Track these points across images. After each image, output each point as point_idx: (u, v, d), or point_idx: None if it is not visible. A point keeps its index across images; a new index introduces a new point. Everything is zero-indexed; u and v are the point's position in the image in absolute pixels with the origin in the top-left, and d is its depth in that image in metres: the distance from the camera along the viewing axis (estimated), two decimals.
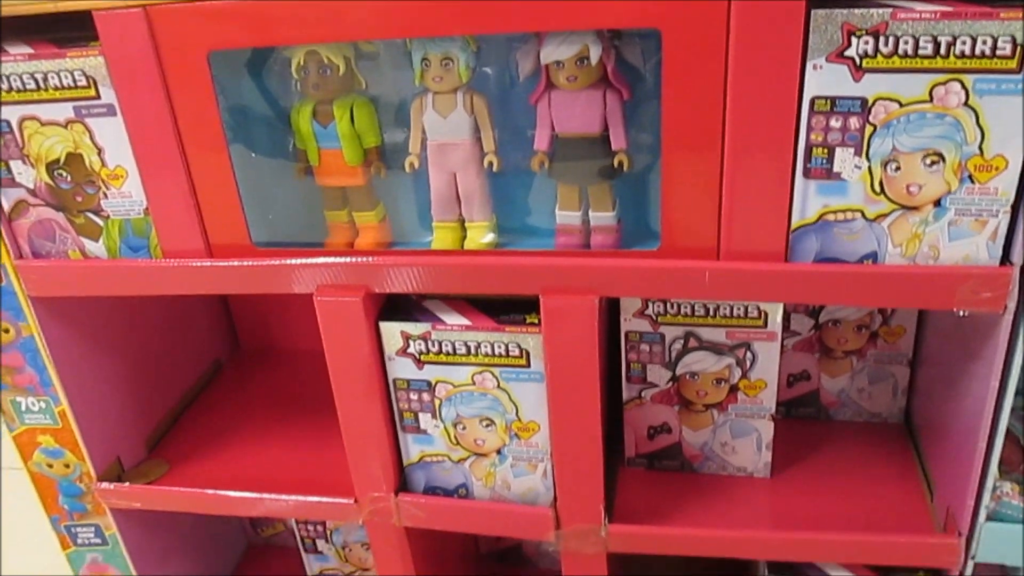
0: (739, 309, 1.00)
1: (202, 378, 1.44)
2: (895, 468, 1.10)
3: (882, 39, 0.73)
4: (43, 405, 1.20)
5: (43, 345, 1.11)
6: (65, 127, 0.94)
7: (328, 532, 1.31)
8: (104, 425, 1.20)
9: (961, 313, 0.81)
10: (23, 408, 1.21)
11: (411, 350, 0.97)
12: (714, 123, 0.79)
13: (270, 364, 1.49)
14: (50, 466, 1.26)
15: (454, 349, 0.96)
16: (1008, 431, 0.87)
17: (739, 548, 1.04)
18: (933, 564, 0.99)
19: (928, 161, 0.77)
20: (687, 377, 1.06)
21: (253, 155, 0.97)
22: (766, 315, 1.00)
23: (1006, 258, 0.80)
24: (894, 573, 1.03)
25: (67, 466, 1.25)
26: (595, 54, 0.83)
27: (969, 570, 0.96)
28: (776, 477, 1.11)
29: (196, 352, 1.43)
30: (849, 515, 1.03)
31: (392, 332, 0.97)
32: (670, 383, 1.07)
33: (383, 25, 0.82)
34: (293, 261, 0.94)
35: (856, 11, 0.72)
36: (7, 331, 1.13)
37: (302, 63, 0.90)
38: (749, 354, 1.03)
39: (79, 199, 0.99)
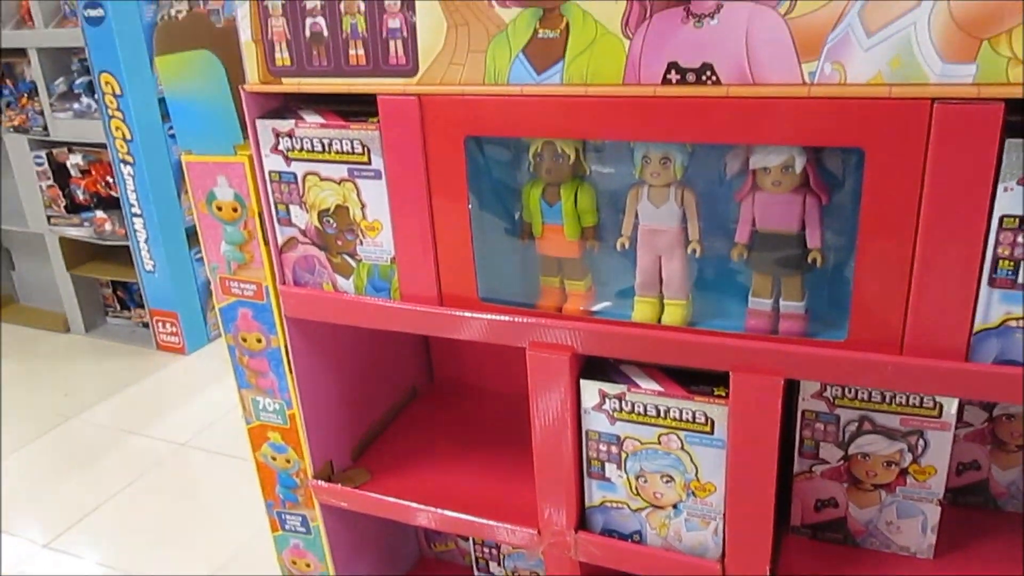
0: (915, 398, 1.07)
1: (400, 401, 1.63)
2: None
3: None
4: (277, 407, 1.41)
5: (288, 357, 1.31)
6: (338, 183, 1.13)
7: (502, 556, 1.45)
8: (322, 431, 1.40)
9: None
10: (260, 406, 1.42)
11: (606, 407, 1.10)
12: (908, 233, 0.87)
13: (460, 397, 1.66)
14: (274, 459, 1.47)
15: (645, 410, 1.08)
16: None
17: None
18: None
19: None
20: (858, 457, 1.13)
21: (484, 223, 1.13)
22: (941, 406, 1.06)
23: None
24: None
25: (288, 461, 1.45)
26: (799, 164, 0.94)
27: None
28: (938, 559, 1.15)
29: (398, 379, 1.62)
30: None
31: (591, 389, 1.10)
32: (841, 461, 1.14)
33: (614, 128, 0.96)
34: (514, 319, 1.09)
35: None
36: (259, 341, 1.35)
37: (539, 150, 1.06)
38: (921, 441, 1.09)
39: (339, 243, 1.18)
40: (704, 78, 0.89)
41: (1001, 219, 0.84)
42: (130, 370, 2.92)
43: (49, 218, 3.10)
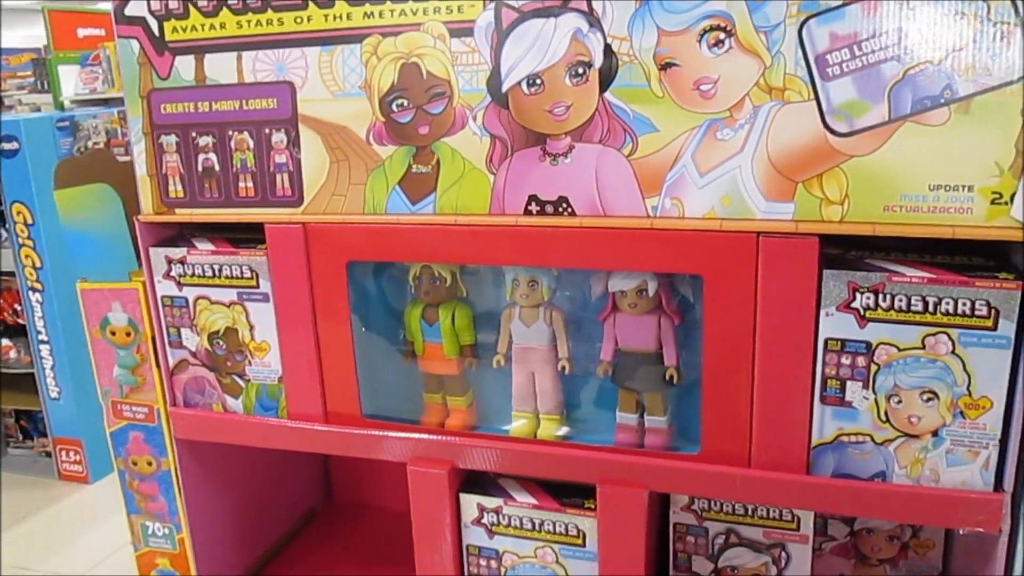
0: (775, 511, 1.13)
1: (297, 523, 1.62)
2: None
3: (881, 295, 0.90)
4: (167, 531, 1.39)
5: (178, 480, 1.31)
6: (228, 307, 1.18)
7: None
8: (213, 556, 1.38)
9: (961, 531, 0.92)
10: (150, 532, 1.40)
11: (484, 521, 1.13)
12: (745, 354, 0.96)
13: (358, 516, 1.65)
14: None
15: (521, 524, 1.11)
16: None
17: None
18: None
19: (925, 397, 0.91)
20: (728, 570, 1.17)
21: (370, 342, 1.18)
22: (799, 519, 1.12)
23: (999, 485, 0.92)
24: None
25: None
26: (652, 288, 1.03)
27: None
28: None
29: (295, 499, 1.62)
30: None
31: (470, 503, 1.13)
32: (712, 575, 1.18)
33: (482, 254, 1.04)
34: (394, 434, 1.13)
35: (859, 273, 0.90)
36: (150, 464, 1.35)
37: (418, 274, 1.13)
38: (784, 554, 1.14)
39: (229, 364, 1.21)
40: (561, 209, 0.98)
41: (826, 342, 0.93)
42: (29, 502, 2.81)
43: None
